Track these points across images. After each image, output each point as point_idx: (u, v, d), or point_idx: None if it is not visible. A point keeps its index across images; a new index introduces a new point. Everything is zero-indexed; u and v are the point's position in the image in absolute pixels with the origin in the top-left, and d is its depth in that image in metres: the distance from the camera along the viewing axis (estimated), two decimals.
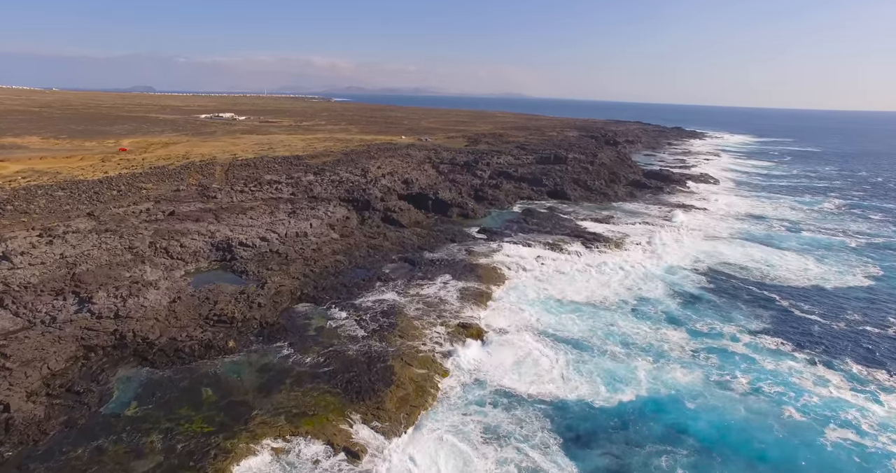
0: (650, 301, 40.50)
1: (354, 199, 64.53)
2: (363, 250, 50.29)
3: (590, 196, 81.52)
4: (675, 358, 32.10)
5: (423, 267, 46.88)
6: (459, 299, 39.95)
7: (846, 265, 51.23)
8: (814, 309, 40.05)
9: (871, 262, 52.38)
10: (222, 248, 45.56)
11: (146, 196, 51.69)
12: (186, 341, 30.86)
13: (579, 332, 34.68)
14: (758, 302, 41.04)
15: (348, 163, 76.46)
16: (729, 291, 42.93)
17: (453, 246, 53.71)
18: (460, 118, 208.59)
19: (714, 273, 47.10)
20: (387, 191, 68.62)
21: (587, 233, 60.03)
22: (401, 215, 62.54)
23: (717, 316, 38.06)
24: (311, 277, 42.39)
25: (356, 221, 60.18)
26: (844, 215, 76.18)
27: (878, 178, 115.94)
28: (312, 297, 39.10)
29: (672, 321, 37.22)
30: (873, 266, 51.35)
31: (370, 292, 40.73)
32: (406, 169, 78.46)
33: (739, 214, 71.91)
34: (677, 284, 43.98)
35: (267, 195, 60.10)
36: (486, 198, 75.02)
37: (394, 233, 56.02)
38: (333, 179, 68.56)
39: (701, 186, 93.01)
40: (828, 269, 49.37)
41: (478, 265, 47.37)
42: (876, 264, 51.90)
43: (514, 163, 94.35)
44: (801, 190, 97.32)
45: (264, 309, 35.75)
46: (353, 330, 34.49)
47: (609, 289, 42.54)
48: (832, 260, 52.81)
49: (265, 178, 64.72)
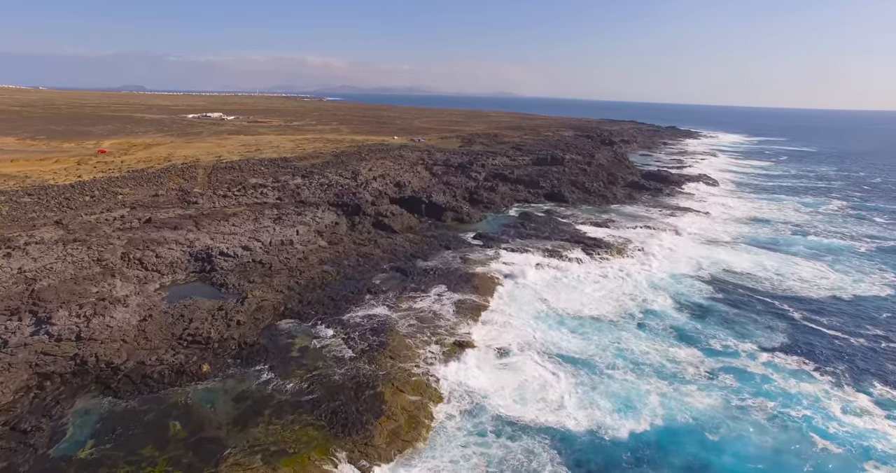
0: (657, 314, 38.03)
1: (344, 204, 61.69)
2: (352, 259, 47.50)
3: (588, 198, 79.10)
4: (690, 380, 29.63)
5: (416, 277, 44.18)
6: (455, 313, 37.28)
7: (859, 272, 49.02)
8: (831, 322, 37.74)
9: (885, 269, 50.25)
10: (201, 259, 42.61)
11: (122, 202, 48.64)
12: (156, 365, 27.98)
13: (585, 351, 32.11)
14: (771, 314, 38.67)
15: (338, 166, 73.58)
16: (739, 303, 40.54)
17: (448, 254, 51.04)
18: (454, 118, 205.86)
19: (722, 282, 44.72)
20: (378, 194, 65.83)
21: (587, 238, 57.54)
22: (393, 220, 59.80)
23: (731, 332, 35.64)
24: (296, 290, 39.55)
25: (346, 227, 57.35)
26: (849, 217, 74.26)
27: (877, 179, 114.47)
28: (297, 313, 36.27)
29: (682, 337, 34.74)
30: (889, 273, 49.24)
31: (359, 306, 37.98)
32: (398, 171, 75.69)
33: (742, 217, 69.70)
34: (684, 295, 41.54)
35: (251, 200, 57.15)
36: (482, 202, 72.39)
37: (385, 240, 53.25)
38: (322, 182, 65.67)
39: (700, 187, 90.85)
40: (841, 277, 47.12)
41: (474, 274, 44.73)
42: (891, 271, 49.77)
43: (510, 164, 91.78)
44: (801, 191, 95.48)
45: (244, 327, 32.91)
46: (340, 350, 31.73)
47: (613, 301, 40.01)
48: (844, 266, 50.59)
49: (250, 182, 61.73)
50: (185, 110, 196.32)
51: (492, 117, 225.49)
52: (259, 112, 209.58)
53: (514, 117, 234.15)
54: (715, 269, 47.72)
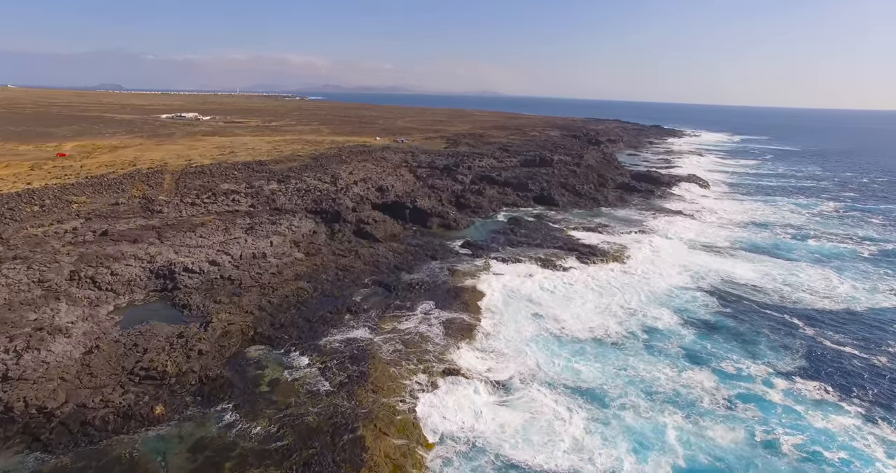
0: (662, 332, 35.06)
1: (323, 211, 57.87)
2: (331, 272, 43.78)
3: (578, 201, 76.31)
4: (708, 410, 26.65)
5: (401, 292, 40.68)
6: (444, 335, 33.86)
7: (867, 279, 46.81)
8: (846, 338, 35.16)
9: (891, 276, 48.16)
10: (163, 275, 38.55)
11: (75, 212, 44.28)
12: (99, 409, 24.08)
13: (591, 379, 28.93)
14: (782, 330, 35.98)
15: (317, 169, 69.72)
16: (747, 317, 37.80)
17: (434, 265, 47.60)
18: (437, 117, 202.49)
19: (726, 294, 41.99)
20: (359, 200, 62.11)
21: (580, 245, 54.57)
22: (375, 227, 56.15)
23: (742, 352, 32.80)
24: (268, 310, 35.74)
25: (325, 236, 53.55)
26: (844, 218, 72.67)
27: (864, 179, 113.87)
28: (268, 338, 32.52)
29: (692, 359, 31.82)
30: (893, 281, 47.09)
31: (338, 328, 34.34)
32: (381, 174, 72.04)
33: (739, 221, 67.42)
34: (688, 310, 38.65)
35: (222, 208, 53.04)
36: (469, 206, 69.10)
37: (367, 250, 49.58)
38: (300, 188, 61.76)
39: (692, 189, 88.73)
40: (852, 286, 44.79)
41: (463, 289, 41.37)
42: (890, 279, 47.71)
43: (497, 166, 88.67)
44: (792, 191, 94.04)
45: (206, 357, 29.09)
46: (316, 382, 28.11)
47: (614, 318, 36.94)
48: (851, 273, 48.39)
49: (221, 188, 57.62)
50: (160, 110, 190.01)
51: (476, 116, 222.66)
52: (238, 112, 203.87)
53: (499, 116, 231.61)
54: (717, 280, 45.02)
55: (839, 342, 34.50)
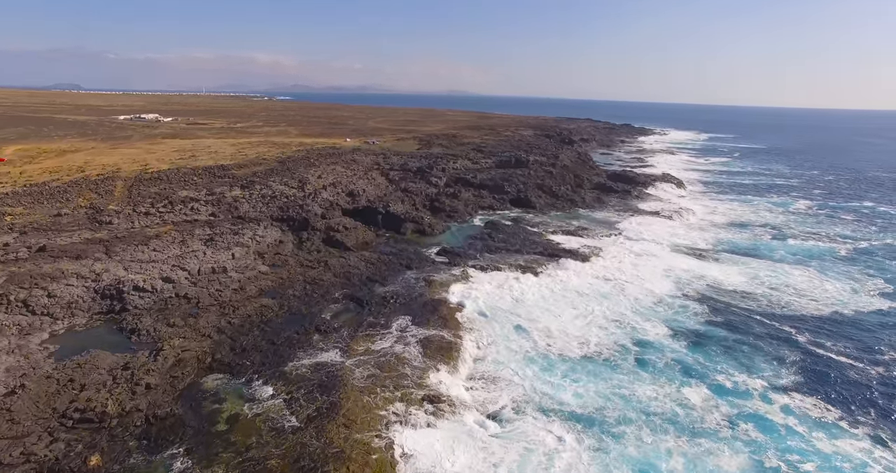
0: (653, 345, 33.21)
1: (290, 218, 54.51)
2: (299, 286, 40.66)
3: (556, 203, 74.62)
4: (711, 432, 24.79)
5: (374, 307, 37.88)
6: (423, 356, 31.21)
7: (850, 280, 46.35)
8: (837, 346, 33.98)
9: (873, 274, 48.02)
10: (110, 296, 34.84)
11: (8, 225, 40.03)
12: (17, 465, 20.66)
13: (587, 403, 26.74)
14: (774, 339, 34.61)
15: (283, 173, 66.17)
16: (738, 326, 36.34)
17: (410, 275, 44.92)
18: (409, 117, 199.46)
19: (713, 301, 40.53)
20: (329, 206, 58.90)
21: (561, 250, 52.69)
22: (346, 235, 53.12)
23: (736, 364, 31.19)
24: (228, 333, 32.50)
25: (292, 245, 50.25)
26: (819, 216, 73.15)
27: (829, 177, 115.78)
28: (227, 365, 29.34)
29: (687, 373, 30.03)
30: (877, 279, 46.94)
31: (306, 351, 31.37)
32: (351, 178, 68.89)
33: (718, 222, 66.74)
34: (676, 320, 36.95)
35: (179, 217, 49.20)
36: (444, 210, 66.54)
37: (337, 260, 46.56)
38: (265, 194, 58.21)
39: (668, 189, 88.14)
40: (836, 288, 44.14)
41: (441, 302, 38.79)
42: (879, 276, 47.57)
43: (472, 167, 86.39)
44: (764, 189, 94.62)
45: (155, 391, 25.80)
46: (281, 417, 25.14)
47: (601, 330, 34.96)
48: (833, 273, 47.91)
49: (179, 195, 53.69)
50: (119, 111, 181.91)
51: (448, 116, 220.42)
52: (202, 113, 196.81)
53: (472, 116, 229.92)
54: (703, 285, 43.62)
55: (832, 350, 33.26)
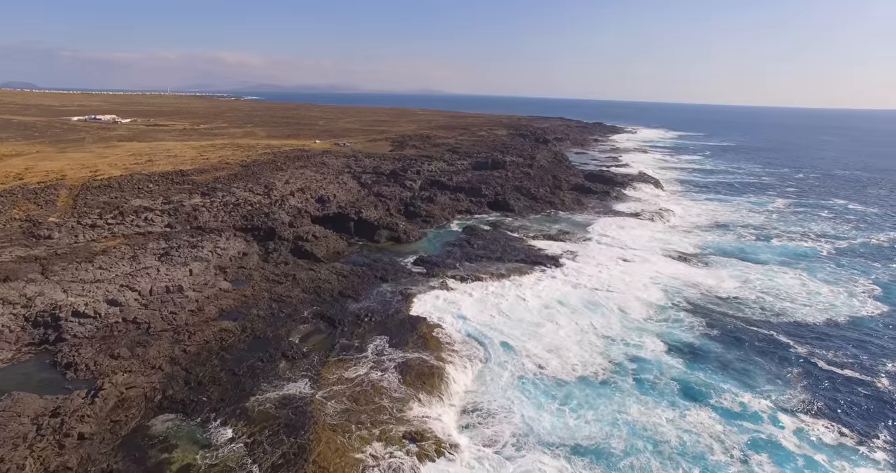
0: (648, 363, 30.99)
1: (254, 227, 50.78)
2: (264, 305, 37.16)
3: (535, 206, 72.43)
4: (723, 465, 22.63)
5: (347, 327, 34.75)
6: (402, 383, 28.28)
7: (839, 282, 45.63)
8: (838, 358, 32.44)
9: (857, 275, 47.64)
10: (43, 323, 30.80)
11: None
12: None
13: (591, 434, 24.25)
14: (773, 353, 32.84)
15: (248, 179, 62.18)
16: (733, 338, 34.49)
17: (385, 289, 41.88)
18: (381, 117, 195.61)
19: (705, 311, 38.70)
20: (297, 213, 55.29)
21: (543, 257, 50.44)
22: (315, 245, 49.70)
23: (738, 383, 29.20)
24: (183, 363, 28.92)
25: (257, 258, 46.60)
26: (797, 215, 73.19)
27: (799, 175, 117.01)
28: (180, 402, 25.85)
29: (689, 394, 27.88)
30: (863, 279, 46.59)
31: (271, 382, 28.06)
32: (321, 183, 65.29)
33: (701, 223, 65.61)
34: (670, 333, 34.83)
35: (131, 229, 45.00)
36: (420, 215, 63.56)
37: (306, 274, 43.13)
38: (227, 201, 54.25)
39: (646, 188, 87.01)
40: (826, 292, 43.09)
41: (420, 319, 35.88)
42: (864, 277, 47.17)
43: (448, 169, 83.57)
44: (741, 188, 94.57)
45: (90, 443, 22.18)
46: (241, 466, 21.87)
47: (593, 348, 32.60)
48: (823, 275, 47.18)
49: (131, 205, 49.38)
50: (74, 111, 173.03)
51: (420, 116, 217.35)
52: (165, 113, 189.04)
53: (444, 115, 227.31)
54: (693, 293, 41.80)
55: (835, 363, 31.63)
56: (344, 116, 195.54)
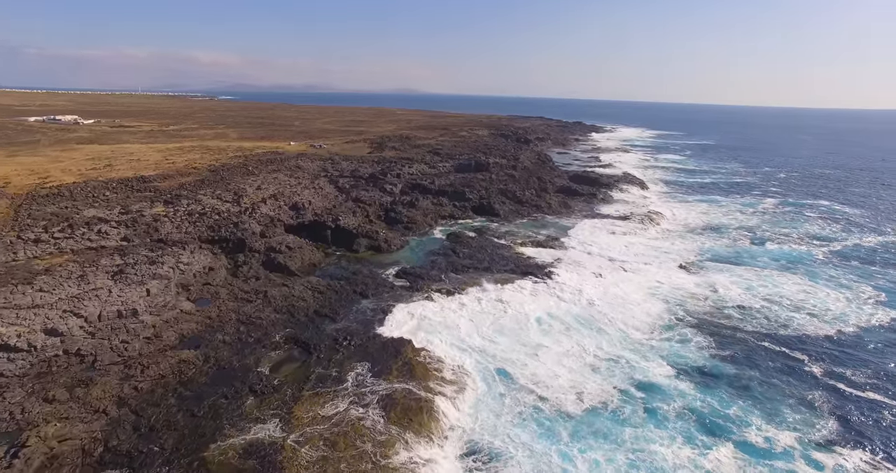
0: (658, 389, 28.19)
1: (222, 239, 46.76)
2: (231, 328, 33.39)
3: (521, 209, 69.61)
4: None
5: (324, 352, 31.26)
6: (386, 420, 24.95)
7: (841, 287, 44.12)
8: (860, 377, 30.21)
9: (860, 281, 45.94)
10: None
11: None
12: None
13: None
14: (788, 374, 30.42)
15: (216, 184, 57.98)
16: (743, 358, 31.98)
17: (366, 306, 38.44)
18: (359, 117, 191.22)
19: (710, 325, 36.18)
20: (269, 222, 51.40)
21: (533, 266, 47.58)
22: (289, 256, 45.97)
23: (759, 412, 26.54)
24: (132, 405, 25.06)
25: (225, 272, 42.68)
26: (786, 216, 72.20)
27: (781, 174, 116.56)
28: (126, 455, 22.08)
29: (708, 428, 25.08)
30: (865, 285, 44.84)
31: (236, 424, 24.42)
32: (296, 188, 61.32)
33: (693, 226, 63.58)
34: (677, 355, 32.06)
35: (81, 244, 40.62)
36: (401, 221, 60.14)
37: (279, 290, 39.40)
38: (192, 210, 50.05)
39: (633, 190, 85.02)
40: (832, 299, 41.32)
41: (405, 342, 32.50)
42: (865, 283, 45.59)
43: (430, 172, 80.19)
44: (727, 189, 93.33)
45: None
46: None
47: (596, 373, 29.66)
48: (822, 281, 45.51)
49: (84, 216, 44.93)
50: (33, 111, 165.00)
51: (399, 115, 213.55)
52: (134, 114, 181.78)
53: (424, 115, 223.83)
54: (696, 306, 39.30)
55: (855, 384, 29.34)
56: (321, 117, 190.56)
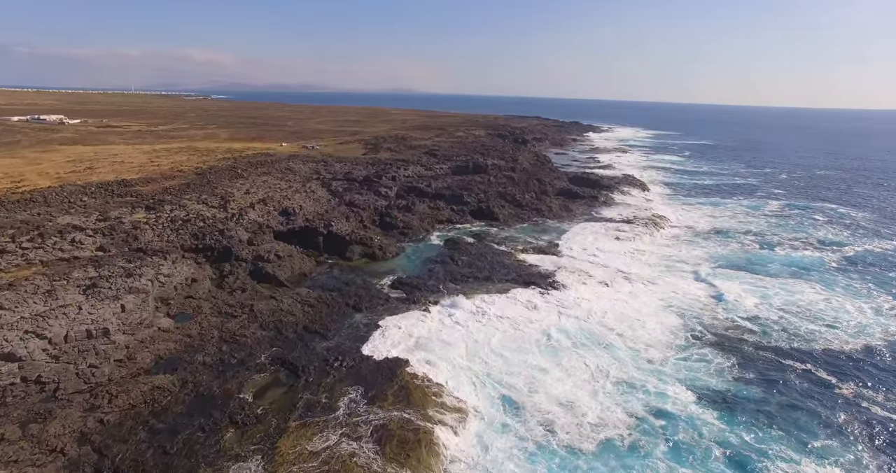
0: (680, 419, 25.67)
1: (207, 247, 44.08)
2: (212, 348, 30.78)
3: (521, 213, 67.19)
4: None
5: (313, 375, 28.74)
6: (381, 456, 22.46)
7: (858, 296, 42.18)
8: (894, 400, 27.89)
9: (877, 289, 43.99)
10: None
11: None
12: None
13: None
14: (818, 396, 28.07)
15: (202, 188, 55.24)
16: (767, 378, 29.64)
17: (359, 321, 35.92)
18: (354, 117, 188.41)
19: (729, 342, 33.77)
20: (257, 228, 48.73)
21: (536, 275, 45.21)
22: (278, 266, 43.43)
23: (789, 442, 24.15)
24: (97, 441, 22.42)
25: (209, 284, 40.04)
26: (792, 219, 70.13)
27: (783, 175, 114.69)
28: None
29: (737, 462, 22.67)
30: (885, 295, 42.75)
31: (213, 463, 21.83)
32: (286, 192, 58.64)
33: (700, 230, 61.41)
34: (697, 378, 29.46)
35: (52, 255, 37.83)
36: (396, 227, 57.60)
37: (266, 304, 36.79)
38: (175, 216, 47.34)
39: (634, 192, 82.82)
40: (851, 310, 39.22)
41: (400, 362, 30.04)
42: (884, 292, 43.54)
43: (426, 174, 77.64)
44: (729, 190, 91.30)
45: None
46: None
47: (609, 399, 27.09)
48: (839, 290, 43.59)
49: (57, 223, 42.16)
50: (19, 111, 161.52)
51: (394, 115, 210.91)
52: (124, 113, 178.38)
53: (419, 115, 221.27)
54: (712, 320, 36.91)
55: (891, 408, 27.01)
56: (315, 116, 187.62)
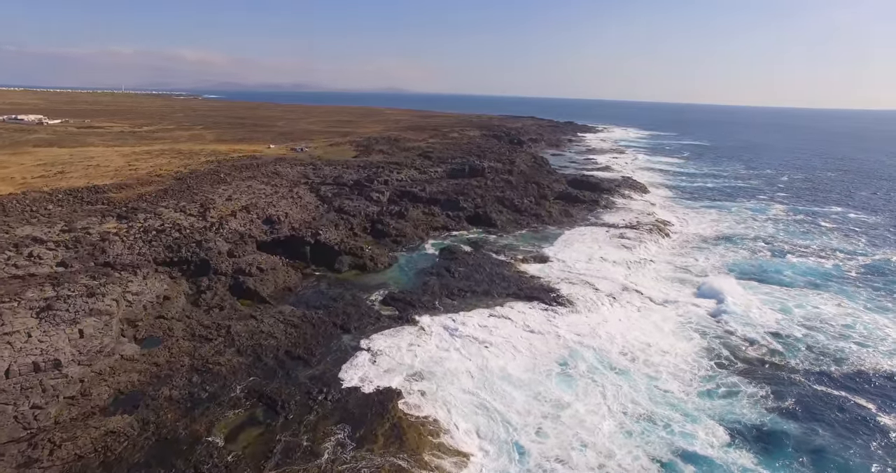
0: (712, 463, 22.49)
1: (183, 260, 40.62)
2: (181, 379, 27.36)
3: (519, 219, 64.04)
4: None
5: (294, 411, 25.42)
6: None
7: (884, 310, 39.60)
8: None
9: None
10: None
11: None
12: None
13: None
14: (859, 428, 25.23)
15: (181, 195, 51.68)
16: (804, 408, 26.62)
17: (347, 343, 32.62)
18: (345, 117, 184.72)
19: (759, 367, 30.65)
20: (238, 238, 45.29)
21: (539, 289, 42.13)
22: (260, 280, 40.01)
23: None
24: None
25: (184, 301, 36.59)
26: (800, 224, 67.37)
27: (784, 177, 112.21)
28: None
29: None
30: None
31: None
32: (271, 198, 55.16)
33: (707, 236, 58.58)
34: (728, 412, 26.06)
35: (4, 272, 34.21)
36: (389, 234, 54.31)
37: (244, 325, 33.37)
38: (149, 226, 43.80)
39: (635, 196, 79.95)
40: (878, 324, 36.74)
41: (393, 394, 26.84)
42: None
43: (420, 178, 74.34)
44: (732, 193, 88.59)
45: None
46: None
47: (632, 441, 23.84)
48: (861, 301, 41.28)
49: (16, 235, 38.58)
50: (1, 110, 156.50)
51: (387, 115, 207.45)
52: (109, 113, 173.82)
53: (413, 115, 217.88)
54: (737, 341, 33.70)
55: None
56: (306, 117, 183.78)
